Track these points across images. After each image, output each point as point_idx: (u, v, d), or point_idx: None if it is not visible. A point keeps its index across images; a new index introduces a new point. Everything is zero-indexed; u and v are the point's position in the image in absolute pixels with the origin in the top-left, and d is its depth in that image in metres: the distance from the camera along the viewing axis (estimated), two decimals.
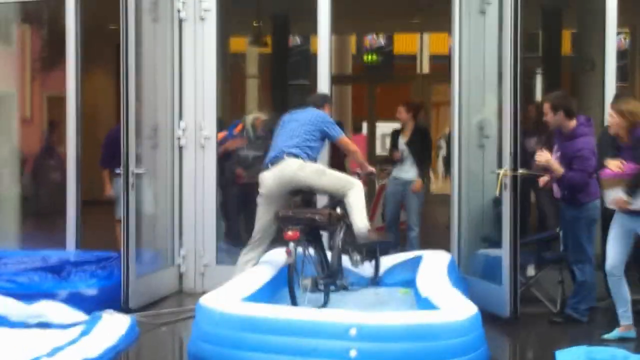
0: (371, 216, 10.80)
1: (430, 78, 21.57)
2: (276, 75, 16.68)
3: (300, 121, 7.71)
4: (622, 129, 7.15)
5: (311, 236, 7.17)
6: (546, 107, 7.86)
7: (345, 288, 7.50)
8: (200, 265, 9.34)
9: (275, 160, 7.51)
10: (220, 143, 9.78)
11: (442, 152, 22.44)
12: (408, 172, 10.31)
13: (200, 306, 6.03)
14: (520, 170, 7.71)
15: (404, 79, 22.90)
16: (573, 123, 7.75)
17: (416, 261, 7.87)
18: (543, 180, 7.99)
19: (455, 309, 5.78)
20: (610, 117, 7.29)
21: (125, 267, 8.12)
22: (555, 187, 7.95)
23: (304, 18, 10.06)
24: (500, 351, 7.32)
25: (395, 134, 10.67)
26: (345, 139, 7.96)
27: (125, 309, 7.78)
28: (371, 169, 8.18)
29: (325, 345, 5.39)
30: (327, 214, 7.16)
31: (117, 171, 8.37)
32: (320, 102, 8.08)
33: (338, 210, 7.60)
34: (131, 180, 8.15)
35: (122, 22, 8.12)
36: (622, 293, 7.20)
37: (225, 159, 10.11)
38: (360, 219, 7.34)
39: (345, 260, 7.77)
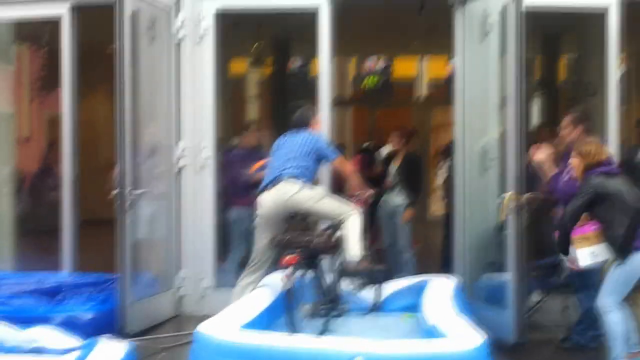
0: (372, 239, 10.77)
1: (430, 101, 21.48)
2: (277, 97, 16.59)
3: (296, 143, 7.66)
4: (579, 171, 6.97)
5: (310, 260, 7.04)
6: (567, 120, 7.75)
7: (345, 313, 7.34)
8: (200, 288, 9.19)
9: (275, 181, 7.46)
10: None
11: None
12: (396, 197, 10.25)
13: (198, 334, 5.90)
14: (525, 195, 7.60)
15: (404, 102, 22.82)
16: None
17: (421, 286, 7.75)
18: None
19: (463, 337, 5.66)
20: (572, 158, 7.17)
21: (122, 290, 7.96)
22: (560, 210, 7.84)
23: (305, 41, 9.99)
24: None
25: (388, 159, 10.62)
26: (341, 160, 7.87)
27: (122, 334, 7.61)
28: (370, 191, 8.05)
29: None
30: (325, 237, 7.03)
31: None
32: (308, 119, 7.98)
33: (337, 233, 7.49)
34: (127, 201, 8.02)
35: (118, 41, 8.06)
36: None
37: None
38: (352, 248, 7.24)
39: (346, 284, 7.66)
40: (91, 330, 7.20)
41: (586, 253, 6.72)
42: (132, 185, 8.17)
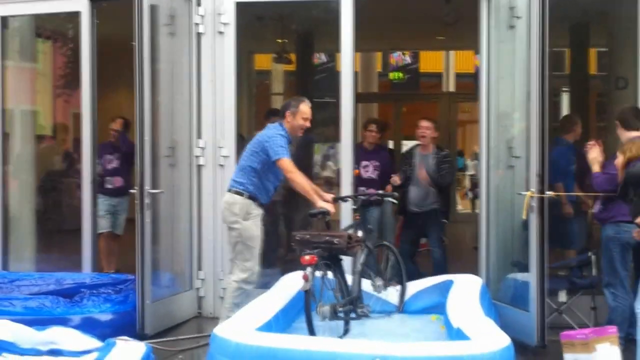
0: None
1: (456, 96, 21.35)
2: (301, 92, 16.48)
3: (251, 142, 7.63)
4: (621, 165, 7.00)
5: (330, 260, 6.86)
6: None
7: (366, 315, 7.15)
8: (220, 288, 9.03)
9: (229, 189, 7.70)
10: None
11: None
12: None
13: (214, 336, 5.79)
14: (548, 193, 7.43)
15: (430, 97, 22.70)
16: None
17: (445, 286, 7.60)
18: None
19: (487, 339, 5.50)
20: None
21: (140, 290, 7.84)
22: (597, 205, 7.71)
23: (329, 35, 9.85)
24: None
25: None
26: (283, 162, 7.39)
27: (141, 335, 7.56)
28: (322, 205, 7.30)
29: None
30: (346, 237, 6.84)
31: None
32: (284, 110, 7.73)
33: (359, 233, 7.32)
34: (146, 200, 7.90)
35: (137, 35, 7.91)
36: None
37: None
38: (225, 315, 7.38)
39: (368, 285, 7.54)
40: (109, 331, 7.17)
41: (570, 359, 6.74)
42: (152, 183, 8.06)
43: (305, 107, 7.67)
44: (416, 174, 9.54)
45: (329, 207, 7.25)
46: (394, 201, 8.68)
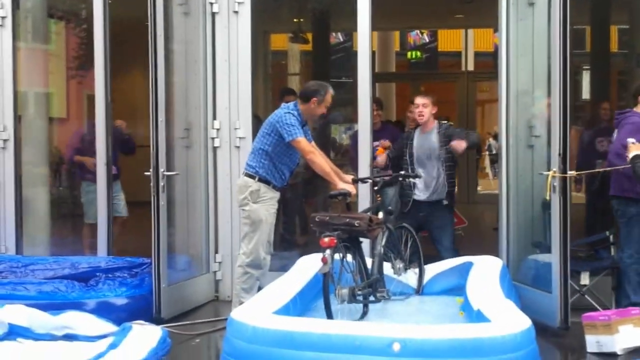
0: None
1: (475, 75, 21.22)
2: (318, 72, 16.41)
3: (264, 124, 7.56)
4: None
5: (349, 242, 6.73)
6: None
7: (384, 298, 7.04)
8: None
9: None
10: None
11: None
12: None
13: (231, 320, 5.72)
14: (570, 172, 7.33)
15: (448, 76, 22.58)
16: None
17: (465, 268, 7.49)
18: None
19: (508, 322, 5.41)
20: None
21: (156, 274, 7.78)
22: None
23: (346, 14, 9.76)
24: None
25: None
26: (299, 142, 7.29)
27: (157, 319, 7.51)
28: (343, 187, 7.15)
29: None
30: (367, 219, 6.71)
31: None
32: (309, 93, 7.54)
33: (380, 215, 7.20)
34: (161, 182, 7.83)
35: (150, 16, 7.80)
36: None
37: None
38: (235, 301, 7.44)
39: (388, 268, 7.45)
40: (125, 316, 7.13)
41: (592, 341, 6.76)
42: (167, 165, 7.99)
43: (330, 96, 7.56)
44: (452, 147, 8.62)
45: (350, 188, 7.14)
46: (417, 182, 8.55)
